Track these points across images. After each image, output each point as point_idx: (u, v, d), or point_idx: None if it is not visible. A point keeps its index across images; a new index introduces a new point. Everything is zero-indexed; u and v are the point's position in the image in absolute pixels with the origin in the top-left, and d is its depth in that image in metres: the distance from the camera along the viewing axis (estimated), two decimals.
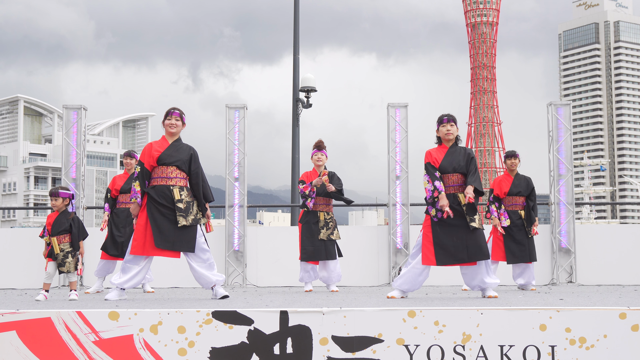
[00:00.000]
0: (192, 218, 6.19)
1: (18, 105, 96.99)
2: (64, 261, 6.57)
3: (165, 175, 6.25)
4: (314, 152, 8.28)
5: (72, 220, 6.67)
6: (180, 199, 6.19)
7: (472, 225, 6.09)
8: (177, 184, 6.25)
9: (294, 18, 16.39)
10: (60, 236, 6.61)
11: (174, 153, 6.28)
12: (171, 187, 6.22)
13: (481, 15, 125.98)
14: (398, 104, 10.33)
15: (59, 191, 6.71)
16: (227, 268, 10.01)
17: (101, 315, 4.38)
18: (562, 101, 10.42)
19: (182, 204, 6.18)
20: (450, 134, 6.26)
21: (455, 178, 6.23)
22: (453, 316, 4.33)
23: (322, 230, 8.03)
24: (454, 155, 6.25)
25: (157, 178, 6.26)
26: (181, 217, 6.13)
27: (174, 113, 6.41)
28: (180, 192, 6.22)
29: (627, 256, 10.11)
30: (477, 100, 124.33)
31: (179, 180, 6.27)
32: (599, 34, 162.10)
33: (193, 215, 6.22)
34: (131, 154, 8.69)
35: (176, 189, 6.22)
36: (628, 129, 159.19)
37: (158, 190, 6.21)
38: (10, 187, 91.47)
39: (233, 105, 10.40)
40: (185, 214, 6.17)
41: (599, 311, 4.32)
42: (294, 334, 4.33)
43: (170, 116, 6.39)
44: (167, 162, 6.25)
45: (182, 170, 6.28)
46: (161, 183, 6.23)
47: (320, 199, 8.13)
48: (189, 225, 6.16)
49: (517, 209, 8.33)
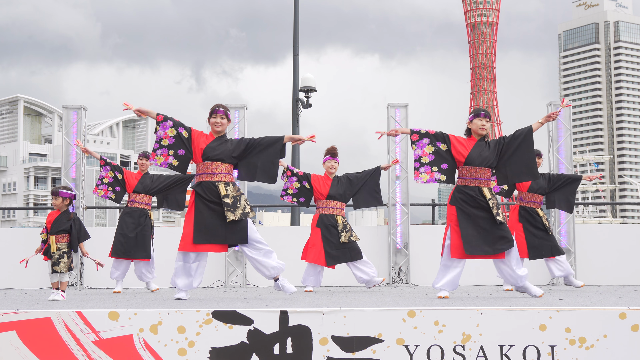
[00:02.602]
0: (240, 212, 6.12)
1: (18, 105, 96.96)
2: (59, 261, 6.58)
3: (210, 171, 6.17)
4: (326, 159, 8.24)
5: (73, 221, 6.67)
6: (227, 194, 6.12)
7: (498, 218, 6.10)
8: (222, 180, 6.17)
9: (294, 18, 16.43)
10: (58, 235, 6.62)
11: (218, 147, 6.20)
12: (216, 183, 6.15)
13: (481, 15, 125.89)
14: (398, 104, 10.34)
15: (59, 190, 6.72)
16: (227, 268, 10.01)
17: (101, 315, 4.38)
18: None
19: (229, 199, 6.11)
20: (484, 129, 6.25)
21: (482, 172, 6.22)
22: (453, 316, 4.33)
23: (343, 234, 8.00)
24: (483, 149, 6.23)
25: (202, 174, 6.19)
26: (229, 212, 6.07)
27: (218, 111, 6.29)
28: (226, 188, 6.15)
29: (627, 256, 10.11)
30: (477, 100, 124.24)
31: (224, 175, 6.19)
32: (599, 34, 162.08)
33: (241, 209, 6.14)
34: (147, 155, 8.53)
35: (221, 184, 6.15)
36: (628, 129, 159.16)
37: (204, 187, 6.16)
38: (10, 187, 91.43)
39: (233, 105, 10.40)
40: (233, 208, 6.10)
41: (599, 311, 4.32)
42: (294, 334, 4.33)
43: (215, 114, 6.28)
44: (212, 157, 6.17)
45: (227, 163, 6.21)
46: (207, 179, 6.17)
47: (337, 203, 8.12)
48: (238, 219, 6.10)
49: (535, 207, 8.31)
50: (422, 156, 6.32)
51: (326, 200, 8.09)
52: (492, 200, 6.15)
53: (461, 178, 6.28)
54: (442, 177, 6.27)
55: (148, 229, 8.33)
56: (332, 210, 8.09)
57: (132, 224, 8.26)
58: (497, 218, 6.09)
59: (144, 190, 8.37)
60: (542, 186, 8.35)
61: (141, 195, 8.38)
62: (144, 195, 8.39)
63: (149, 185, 8.39)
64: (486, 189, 6.19)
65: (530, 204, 8.33)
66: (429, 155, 6.31)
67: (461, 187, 6.22)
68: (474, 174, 6.21)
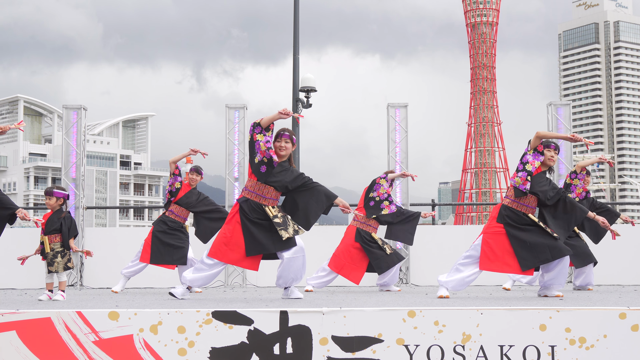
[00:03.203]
0: (292, 230, 6.01)
1: (18, 105, 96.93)
2: (53, 261, 6.58)
3: (260, 193, 6.04)
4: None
5: (64, 219, 6.66)
6: (275, 214, 6.01)
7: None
8: (269, 205, 6.05)
9: (294, 19, 16.42)
10: (51, 235, 6.62)
11: (279, 174, 6.02)
12: (263, 206, 6.03)
13: (481, 15, 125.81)
14: (398, 104, 10.34)
15: (54, 190, 6.71)
16: (227, 268, 10.01)
17: (101, 315, 4.38)
18: (562, 101, 10.42)
19: (279, 219, 6.00)
20: (553, 161, 6.41)
21: (532, 199, 6.37)
22: (453, 316, 4.33)
23: (385, 246, 8.23)
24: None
25: (253, 193, 6.05)
26: (282, 230, 5.95)
27: (284, 135, 6.09)
28: (272, 209, 6.03)
29: (627, 256, 10.10)
30: (477, 100, 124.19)
31: (273, 201, 6.07)
32: (598, 34, 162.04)
33: (292, 227, 6.03)
34: (199, 170, 8.29)
35: (268, 207, 6.02)
36: (628, 129, 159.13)
37: (250, 205, 6.02)
38: (10, 187, 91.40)
39: (233, 105, 10.41)
40: (285, 227, 5.98)
41: (599, 311, 4.33)
42: (294, 334, 4.33)
43: (280, 138, 6.09)
44: (268, 182, 6.01)
45: (279, 191, 6.07)
46: (255, 199, 6.03)
47: (373, 222, 8.29)
48: (292, 237, 5.99)
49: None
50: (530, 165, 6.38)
51: (369, 217, 8.28)
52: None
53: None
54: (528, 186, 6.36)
55: (185, 237, 8.11)
56: (369, 228, 8.30)
57: (168, 232, 8.03)
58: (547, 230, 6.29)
59: (187, 206, 8.13)
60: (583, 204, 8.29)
61: (181, 209, 8.12)
62: (185, 210, 8.15)
63: (193, 202, 8.14)
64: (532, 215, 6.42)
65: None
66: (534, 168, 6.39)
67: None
68: (527, 202, 6.39)
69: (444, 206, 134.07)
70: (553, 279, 6.34)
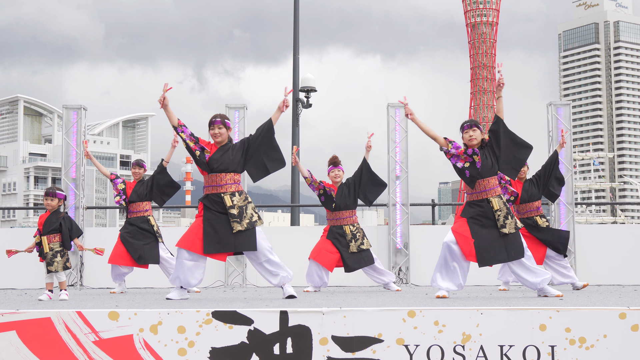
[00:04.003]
0: (246, 222, 6.10)
1: (18, 105, 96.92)
2: (52, 260, 6.58)
3: (215, 183, 6.15)
4: (330, 169, 8.30)
5: (63, 220, 6.67)
6: (232, 205, 6.10)
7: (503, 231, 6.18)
8: (228, 190, 6.14)
9: (294, 19, 16.42)
10: (50, 235, 6.63)
11: (220, 158, 6.15)
12: (222, 195, 6.12)
13: (481, 15, 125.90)
14: (398, 104, 10.33)
15: (57, 192, 6.72)
16: (227, 268, 10.01)
17: (101, 315, 4.38)
18: (562, 101, 10.41)
19: (235, 209, 6.09)
20: (474, 139, 6.29)
21: (486, 182, 6.29)
22: (453, 316, 4.33)
23: (351, 244, 8.08)
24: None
25: (209, 187, 6.18)
26: (235, 223, 6.06)
27: (215, 122, 6.23)
28: (231, 198, 6.12)
29: (627, 256, 10.10)
30: (477, 100, 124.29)
31: (229, 186, 6.16)
32: (598, 34, 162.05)
33: (248, 219, 6.12)
34: (140, 164, 8.54)
35: (227, 195, 6.12)
36: (628, 129, 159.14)
37: (211, 199, 6.14)
38: (10, 187, 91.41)
39: (233, 106, 10.40)
40: (240, 219, 6.08)
41: (599, 311, 4.32)
42: (294, 334, 4.33)
43: (213, 126, 6.23)
44: (216, 169, 6.13)
45: (232, 173, 6.18)
46: (213, 192, 6.15)
47: (344, 213, 8.17)
48: (243, 230, 6.08)
49: (532, 215, 8.14)
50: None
51: (333, 211, 8.20)
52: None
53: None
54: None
55: (152, 234, 8.25)
56: (340, 221, 8.18)
57: (135, 233, 8.18)
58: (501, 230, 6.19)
59: (139, 199, 8.30)
60: (533, 192, 8.18)
61: (138, 204, 8.30)
62: (140, 203, 8.31)
63: (144, 191, 8.32)
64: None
65: (527, 214, 8.12)
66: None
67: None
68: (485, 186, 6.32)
69: (444, 206, 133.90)
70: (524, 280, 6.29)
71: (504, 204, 6.25)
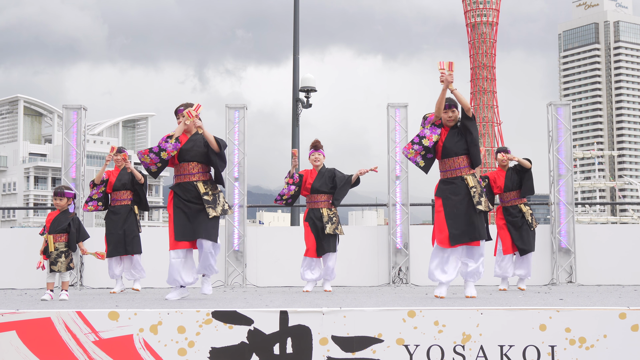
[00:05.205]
0: (220, 209, 6.32)
1: (18, 105, 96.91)
2: (57, 260, 6.58)
3: (187, 172, 6.33)
4: (311, 152, 8.39)
5: (72, 220, 6.68)
6: (206, 191, 6.30)
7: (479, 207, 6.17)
8: (200, 179, 6.34)
9: (294, 19, 16.40)
10: (57, 235, 6.63)
11: (191, 148, 6.33)
12: (195, 183, 6.31)
13: (481, 15, 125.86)
14: (398, 104, 10.33)
15: (65, 191, 6.74)
16: (227, 268, 10.01)
17: (101, 315, 4.38)
18: (562, 101, 10.42)
19: (209, 196, 6.29)
20: (452, 120, 6.30)
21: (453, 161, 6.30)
22: (453, 316, 4.33)
23: (328, 225, 8.11)
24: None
25: (180, 175, 6.35)
26: (210, 208, 6.24)
27: (180, 111, 6.48)
28: (205, 186, 6.32)
29: (627, 256, 10.10)
30: (477, 100, 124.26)
31: (200, 175, 6.35)
32: (598, 34, 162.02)
33: (221, 206, 6.35)
34: (121, 150, 8.60)
35: (200, 183, 6.31)
36: (628, 129, 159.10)
37: (183, 187, 6.31)
38: (10, 187, 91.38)
39: (233, 105, 10.40)
40: (214, 205, 6.28)
41: (599, 311, 4.32)
42: (294, 334, 4.33)
43: (178, 114, 6.49)
44: (187, 159, 6.32)
45: (202, 163, 6.35)
46: (185, 180, 6.33)
47: (322, 196, 8.22)
48: (218, 215, 6.28)
49: (517, 203, 8.35)
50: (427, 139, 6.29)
51: (311, 194, 8.25)
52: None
53: None
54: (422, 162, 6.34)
55: (135, 224, 8.34)
56: (317, 204, 8.21)
57: (118, 222, 8.27)
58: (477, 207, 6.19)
59: (125, 186, 8.36)
60: (515, 180, 8.35)
61: (120, 192, 8.37)
62: (124, 191, 8.38)
63: (127, 179, 8.39)
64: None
65: (510, 202, 8.36)
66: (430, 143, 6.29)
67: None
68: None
69: None
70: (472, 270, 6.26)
71: (478, 182, 6.29)
